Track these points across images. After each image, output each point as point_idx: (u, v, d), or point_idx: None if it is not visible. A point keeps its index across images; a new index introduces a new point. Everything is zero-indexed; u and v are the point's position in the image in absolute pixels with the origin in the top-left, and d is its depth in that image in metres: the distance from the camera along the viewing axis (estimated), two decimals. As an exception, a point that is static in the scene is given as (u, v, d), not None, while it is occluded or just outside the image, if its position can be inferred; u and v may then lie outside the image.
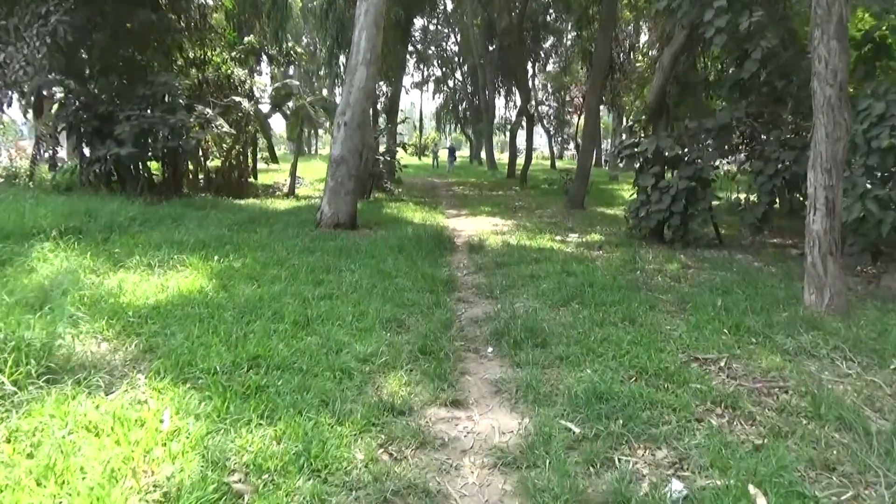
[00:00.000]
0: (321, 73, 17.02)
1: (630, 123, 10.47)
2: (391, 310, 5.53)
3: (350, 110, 10.53)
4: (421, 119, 60.40)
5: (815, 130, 5.92)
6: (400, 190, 17.29)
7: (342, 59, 16.93)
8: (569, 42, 37.06)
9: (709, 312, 5.75)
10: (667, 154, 9.85)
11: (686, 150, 9.69)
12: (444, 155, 41.29)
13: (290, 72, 39.13)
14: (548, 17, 31.86)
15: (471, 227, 12.45)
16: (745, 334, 5.16)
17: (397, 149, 20.54)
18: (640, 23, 28.88)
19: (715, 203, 9.89)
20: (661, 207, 9.75)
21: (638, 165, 10.47)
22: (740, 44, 8.78)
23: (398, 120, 22.43)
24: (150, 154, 13.54)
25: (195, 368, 3.87)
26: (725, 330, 5.24)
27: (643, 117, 10.06)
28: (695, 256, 9.12)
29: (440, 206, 16.40)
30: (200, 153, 15.14)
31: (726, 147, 9.57)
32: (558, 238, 10.69)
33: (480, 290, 6.83)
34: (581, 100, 43.34)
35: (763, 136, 9.80)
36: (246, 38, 18.18)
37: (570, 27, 34.48)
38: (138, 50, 15.26)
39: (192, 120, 13.94)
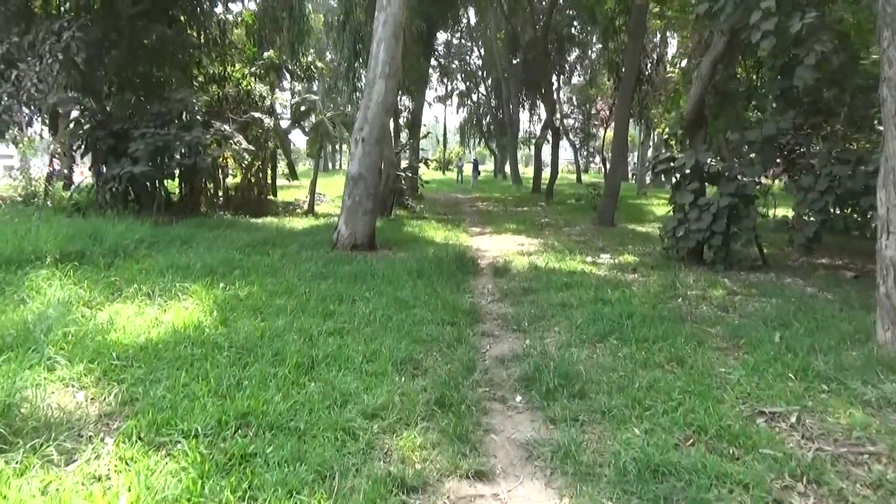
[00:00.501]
0: (343, 88, 16.50)
1: (665, 136, 9.74)
2: (406, 347, 4.94)
3: (368, 126, 10.02)
4: (445, 133, 60.04)
5: (886, 144, 5.22)
6: (421, 206, 16.78)
7: (363, 73, 16.49)
8: (594, 54, 36.40)
9: (767, 351, 5.06)
10: (707, 169, 9.15)
11: (727, 164, 8.98)
12: (468, 169, 40.77)
13: (315, 87, 39.11)
14: (572, 29, 31.24)
15: (495, 246, 11.83)
16: (815, 380, 4.46)
17: (419, 164, 20.03)
18: (669, 33, 28.18)
19: (758, 221, 9.16)
20: (701, 226, 9.04)
21: (674, 181, 9.77)
22: (786, 49, 8.08)
23: (421, 135, 21.95)
24: (166, 172, 13.17)
25: (173, 430, 3.30)
26: (790, 374, 4.54)
27: (679, 130, 9.36)
28: (739, 280, 8.39)
29: (463, 223, 15.82)
30: (219, 171, 14.78)
31: (771, 161, 8.85)
32: (589, 259, 10.02)
33: (506, 321, 6.20)
34: (607, 112, 42.65)
35: (809, 149, 9.07)
36: (266, 54, 17.88)
37: (595, 39, 33.87)
38: (156, 66, 15.02)
39: (209, 137, 13.58)
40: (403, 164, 18.51)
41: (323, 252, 9.50)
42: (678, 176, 9.62)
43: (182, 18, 15.33)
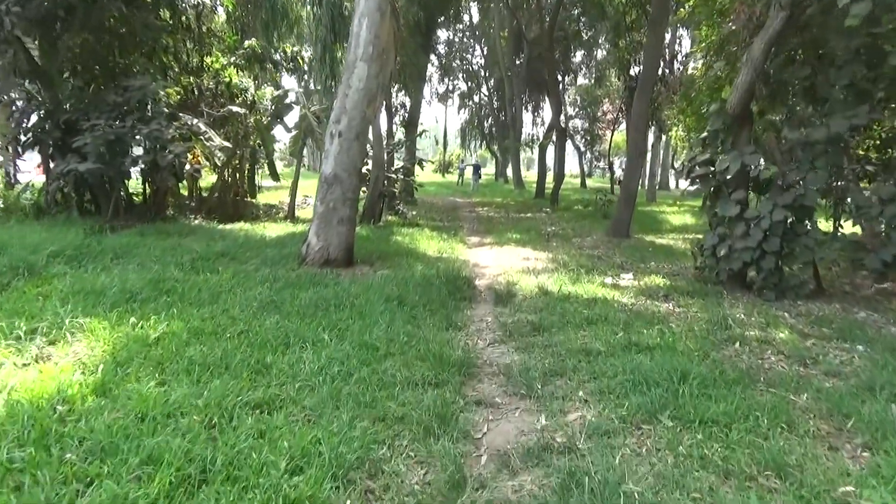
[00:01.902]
0: (320, 74, 14.84)
1: (703, 135, 8.07)
2: (363, 436, 3.28)
3: (346, 117, 8.36)
4: (445, 135, 58.40)
5: None
6: (414, 213, 15.11)
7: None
8: (602, 53, 34.78)
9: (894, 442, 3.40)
10: (756, 174, 7.49)
11: (783, 169, 7.30)
12: (468, 172, 39.14)
13: (310, 81, 37.41)
14: (580, 25, 29.58)
15: (496, 261, 10.16)
16: None
17: (414, 166, 18.36)
18: (682, 30, 26.61)
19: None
20: (749, 245, 7.37)
21: (712, 189, 8.11)
22: (874, 22, 6.42)
23: (416, 133, 20.31)
24: (120, 170, 11.48)
25: None
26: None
27: (721, 125, 7.71)
28: (800, 314, 6.72)
29: (461, 232, 14.14)
30: (190, 169, 13.11)
31: (838, 166, 7.18)
32: (609, 281, 8.34)
33: (511, 378, 4.52)
34: (613, 115, 41.03)
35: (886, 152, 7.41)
36: (247, 42, 16.22)
37: (603, 38, 32.25)
38: (118, 52, 13.37)
39: (172, 131, 11.91)
40: (397, 164, 16.81)
41: (287, 269, 7.83)
42: (718, 182, 7.96)
43: (147, -1, 13.67)
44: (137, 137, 11.50)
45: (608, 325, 5.85)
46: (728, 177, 7.69)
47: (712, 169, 7.92)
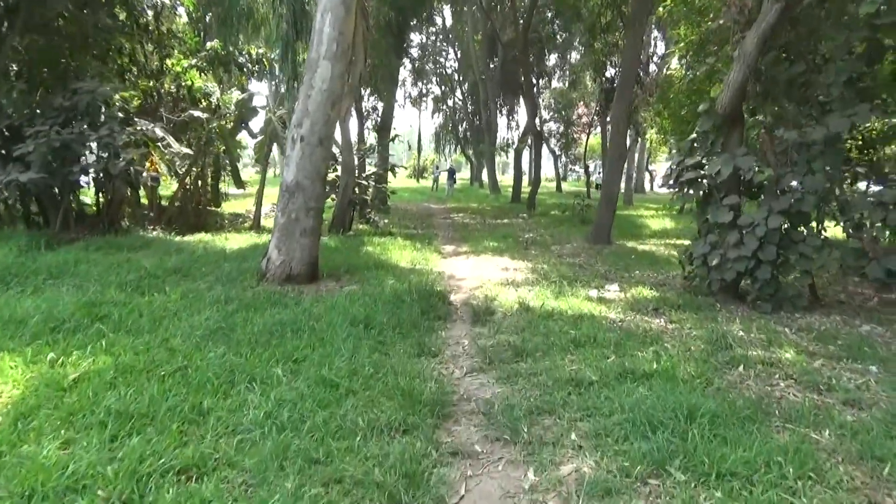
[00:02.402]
0: (280, 75, 14.14)
1: (692, 136, 7.56)
2: (311, 510, 2.64)
3: (308, 120, 7.70)
4: (419, 140, 57.74)
5: None
6: (386, 221, 14.46)
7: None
8: (577, 55, 34.48)
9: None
10: (749, 178, 6.99)
11: (779, 172, 6.82)
12: (443, 178, 38.57)
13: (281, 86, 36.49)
14: (555, 26, 29.18)
15: (473, 272, 9.56)
16: None
17: (386, 172, 17.71)
18: (657, 30, 26.38)
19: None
20: (744, 254, 6.86)
21: (703, 194, 7.61)
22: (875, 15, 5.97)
23: (389, 138, 19.66)
24: (67, 180, 10.65)
25: None
26: None
27: (711, 126, 7.21)
28: (801, 328, 6.22)
29: (435, 240, 13.51)
30: (147, 178, 12.32)
31: (837, 168, 6.71)
32: (594, 293, 7.78)
33: (492, 419, 3.90)
34: (588, 119, 40.77)
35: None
36: (208, 44, 15.46)
37: (578, 41, 31.94)
38: (69, 53, 12.54)
39: (124, 137, 11.12)
40: (369, 169, 16.14)
41: (244, 287, 7.14)
42: (709, 187, 7.46)
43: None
44: (89, 144, 10.72)
45: (598, 348, 5.28)
46: (719, 181, 7.18)
47: (702, 173, 7.42)
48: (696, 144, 7.69)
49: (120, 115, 12.10)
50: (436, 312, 6.53)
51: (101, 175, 11.09)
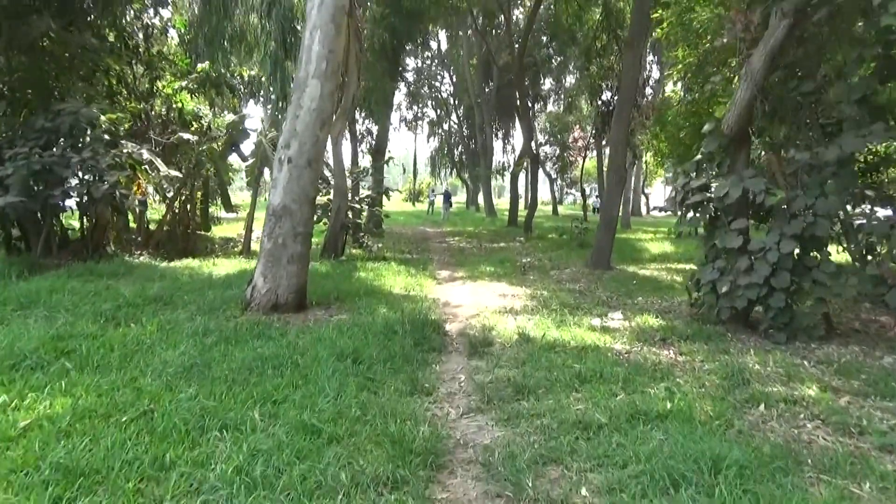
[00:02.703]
0: (270, 94, 13.93)
1: (697, 158, 7.24)
2: None
3: (296, 141, 7.37)
4: (415, 164, 57.67)
5: None
6: (380, 245, 14.08)
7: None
8: (572, 79, 34.49)
9: None
10: (759, 201, 6.65)
11: (791, 194, 6.48)
12: (439, 201, 38.34)
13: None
14: (550, 50, 29.18)
15: (469, 299, 9.17)
16: None
17: (381, 196, 17.39)
18: (652, 54, 26.34)
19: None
20: (755, 280, 6.50)
21: (709, 217, 7.26)
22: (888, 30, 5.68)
23: (383, 160, 19.37)
24: (49, 204, 10.26)
25: None
26: None
27: (717, 147, 6.90)
28: (820, 361, 5.83)
29: (430, 265, 13.13)
30: (132, 201, 11.92)
31: (850, 190, 6.38)
32: (597, 322, 7.39)
33: (492, 470, 3.48)
34: (584, 142, 40.70)
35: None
36: (199, 66, 15.20)
37: (573, 65, 31.95)
38: (56, 74, 12.24)
39: (108, 159, 10.74)
40: (363, 193, 15.79)
41: (227, 317, 6.74)
42: (716, 211, 7.12)
43: (90, 18, 12.58)
44: (72, 167, 10.35)
45: (605, 384, 4.88)
46: (727, 203, 6.85)
47: (709, 195, 7.09)
48: (701, 166, 7.37)
49: (107, 137, 11.78)
50: (430, 344, 6.13)
51: (83, 198, 10.70)
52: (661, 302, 9.05)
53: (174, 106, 15.78)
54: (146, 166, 12.35)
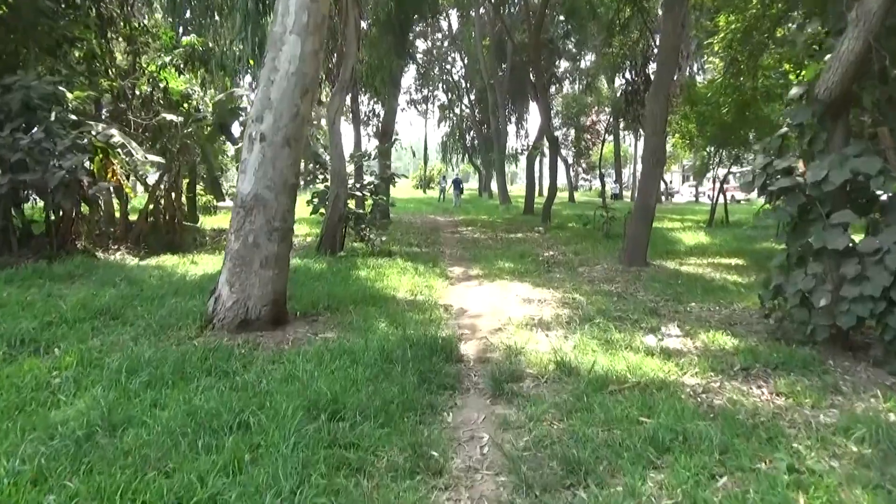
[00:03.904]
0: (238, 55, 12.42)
1: (781, 131, 5.62)
2: None
3: (271, 113, 5.84)
4: (425, 149, 55.91)
5: None
6: (384, 238, 12.55)
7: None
8: (590, 59, 32.62)
9: None
10: (876, 187, 5.05)
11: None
12: (450, 188, 36.82)
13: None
14: (568, 26, 27.33)
15: (488, 304, 7.65)
16: None
17: (388, 183, 15.84)
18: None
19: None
20: (869, 292, 4.91)
21: (798, 207, 5.65)
22: None
23: (390, 142, 17.82)
24: (5, 194, 8.82)
25: None
26: None
27: (811, 117, 5.29)
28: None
29: (441, 261, 11.59)
30: (97, 190, 10.45)
31: None
32: (651, 340, 5.84)
33: None
34: (604, 124, 38.95)
35: None
36: (184, 39, 13.67)
37: (592, 42, 30.09)
38: (15, 47, 10.79)
39: (70, 142, 9.28)
40: (366, 179, 14.22)
41: (179, 339, 5.26)
42: (808, 199, 5.51)
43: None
44: (12, 152, 8.89)
45: (693, 454, 3.35)
46: (826, 190, 5.25)
47: (799, 181, 5.48)
48: (787, 142, 5.76)
49: (73, 117, 10.34)
50: (440, 379, 4.60)
51: (38, 187, 9.26)
52: (720, 309, 7.47)
53: (159, 85, 14.31)
54: (119, 150, 10.87)
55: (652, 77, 24.52)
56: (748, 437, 3.61)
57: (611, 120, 35.31)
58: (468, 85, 44.19)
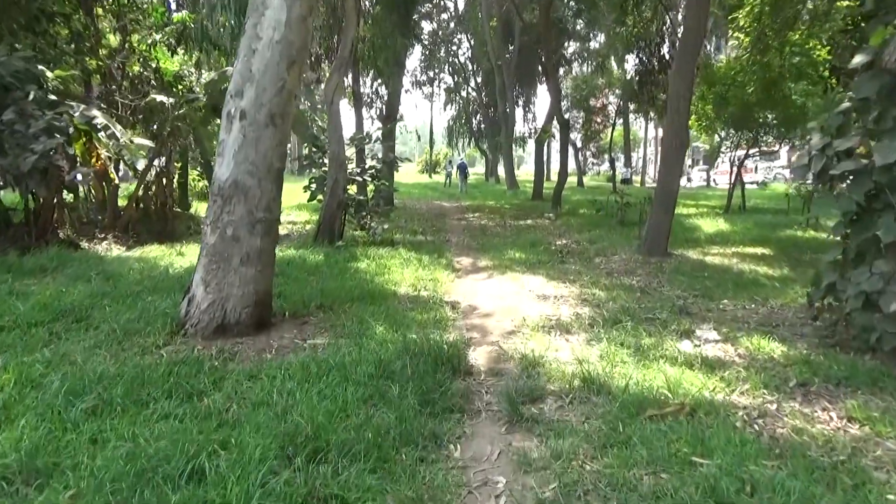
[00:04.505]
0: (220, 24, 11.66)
1: (842, 106, 4.83)
2: None
3: (253, 87, 5.10)
4: (431, 133, 54.95)
5: None
6: (387, 226, 11.82)
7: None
8: (602, 38, 31.55)
9: None
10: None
11: None
12: (456, 173, 36.01)
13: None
14: (580, 6, 26.25)
15: (499, 301, 6.92)
16: None
17: (393, 167, 15.07)
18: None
19: None
20: (953, 295, 4.16)
21: (865, 195, 4.87)
22: None
23: (394, 124, 17.01)
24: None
25: None
26: None
27: (878, 91, 4.49)
28: None
29: (447, 251, 10.86)
30: (75, 175, 9.75)
31: None
32: (687, 346, 5.10)
33: None
34: (615, 107, 37.96)
35: None
36: (175, 16, 12.89)
37: (603, 21, 29.03)
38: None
39: (45, 123, 8.56)
40: (369, 164, 13.43)
41: (144, 348, 4.56)
42: (875, 185, 4.73)
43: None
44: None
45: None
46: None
47: (865, 163, 4.70)
48: (850, 120, 4.97)
49: (52, 97, 9.61)
50: (446, 399, 3.88)
51: (12, 173, 8.55)
52: (756, 307, 6.72)
53: (150, 64, 13.57)
54: (102, 132, 10.15)
55: (667, 57, 23.60)
56: (830, 485, 2.89)
57: (621, 102, 34.26)
58: (475, 67, 43.18)
